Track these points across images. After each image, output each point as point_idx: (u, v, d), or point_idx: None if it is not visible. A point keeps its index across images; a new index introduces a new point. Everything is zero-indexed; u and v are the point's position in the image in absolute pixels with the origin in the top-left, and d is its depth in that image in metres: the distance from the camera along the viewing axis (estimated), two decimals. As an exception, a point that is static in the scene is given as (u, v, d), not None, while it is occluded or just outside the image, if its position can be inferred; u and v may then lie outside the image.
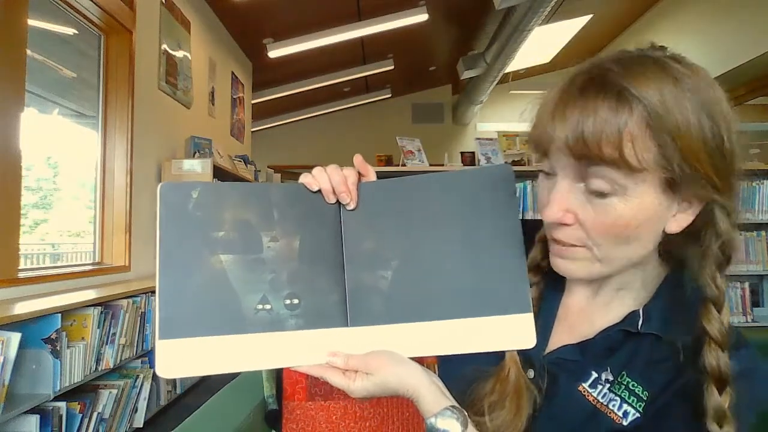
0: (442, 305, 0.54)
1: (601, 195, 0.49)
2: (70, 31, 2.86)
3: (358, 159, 0.59)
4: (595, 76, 0.49)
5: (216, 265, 0.52)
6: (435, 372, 0.57)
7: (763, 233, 2.83)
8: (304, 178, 0.56)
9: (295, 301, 0.53)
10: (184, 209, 0.52)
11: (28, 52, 2.29)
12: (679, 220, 0.51)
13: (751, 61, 4.28)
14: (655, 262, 0.57)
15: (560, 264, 0.55)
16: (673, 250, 0.56)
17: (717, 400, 0.48)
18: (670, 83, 0.47)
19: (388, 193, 0.57)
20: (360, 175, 0.58)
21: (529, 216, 2.84)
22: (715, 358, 0.49)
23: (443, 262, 0.55)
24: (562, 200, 0.51)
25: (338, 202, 0.55)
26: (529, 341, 0.53)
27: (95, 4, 2.74)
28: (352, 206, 0.55)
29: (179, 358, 0.49)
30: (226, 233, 0.53)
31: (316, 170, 0.56)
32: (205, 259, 0.52)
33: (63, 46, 2.88)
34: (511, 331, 0.53)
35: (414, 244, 0.55)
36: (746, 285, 2.82)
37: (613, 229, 0.50)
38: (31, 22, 2.33)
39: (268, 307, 0.52)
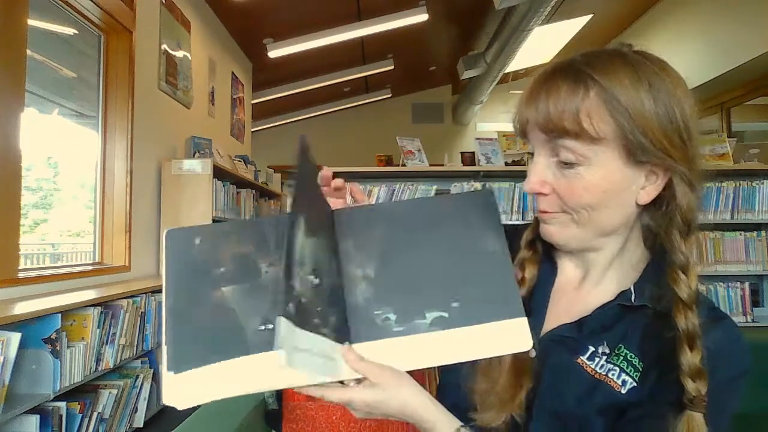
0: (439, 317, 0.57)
1: (570, 165, 0.56)
2: (70, 31, 2.86)
3: (352, 185, 0.68)
4: (560, 64, 0.58)
5: (219, 297, 0.54)
6: (435, 368, 0.58)
7: (763, 233, 2.83)
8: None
9: None
10: (187, 255, 0.56)
11: (28, 52, 2.29)
12: (648, 191, 0.57)
13: (751, 61, 4.27)
14: (637, 244, 0.62)
15: (544, 229, 0.62)
16: (654, 231, 0.60)
17: (689, 357, 0.51)
18: (627, 67, 0.54)
19: (381, 215, 0.61)
20: (355, 200, 0.66)
21: (529, 216, 2.84)
22: (684, 317, 0.53)
23: (439, 276, 0.57)
24: (538, 173, 0.58)
25: (333, 225, 0.59)
26: (525, 344, 0.55)
27: (95, 4, 2.74)
28: (339, 184, 0.64)
29: (188, 388, 0.50)
30: (227, 269, 0.56)
31: None
32: (208, 295, 0.55)
33: (63, 46, 2.88)
34: (508, 336, 0.55)
35: (409, 259, 0.58)
36: (746, 285, 2.82)
37: (582, 195, 0.56)
38: (31, 22, 2.33)
39: (270, 326, 0.53)
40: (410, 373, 0.57)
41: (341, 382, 0.55)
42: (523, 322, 0.55)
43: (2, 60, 2.11)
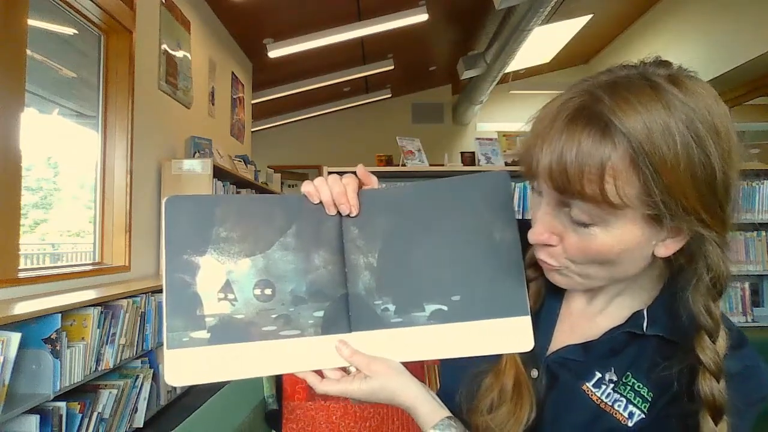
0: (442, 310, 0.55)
1: (583, 225, 0.49)
2: (70, 31, 2.86)
3: (360, 170, 0.60)
4: (585, 105, 0.47)
5: (216, 275, 0.53)
6: (436, 371, 0.57)
7: (763, 233, 2.82)
8: (306, 187, 0.57)
9: None
10: (187, 225, 0.54)
11: (28, 52, 2.28)
12: (669, 245, 0.50)
13: (751, 61, 4.28)
14: (652, 268, 0.56)
15: (548, 275, 0.56)
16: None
17: (712, 428, 0.48)
18: (661, 112, 0.45)
19: (388, 200, 0.58)
20: (362, 183, 0.59)
21: (529, 216, 2.84)
22: (709, 387, 0.48)
23: (442, 268, 0.55)
24: (546, 223, 0.52)
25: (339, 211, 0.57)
26: (527, 344, 0.54)
27: (95, 4, 2.73)
28: (353, 213, 0.56)
29: (187, 367, 0.50)
30: (230, 248, 0.54)
31: (318, 181, 0.57)
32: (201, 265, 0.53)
33: (63, 46, 2.88)
34: (509, 334, 0.54)
35: (413, 249, 0.56)
36: (746, 285, 2.82)
37: (594, 255, 0.50)
38: (31, 22, 2.33)
39: (273, 315, 0.53)
40: (408, 367, 0.56)
41: (344, 369, 0.56)
42: (526, 320, 0.54)
43: (2, 60, 2.11)
